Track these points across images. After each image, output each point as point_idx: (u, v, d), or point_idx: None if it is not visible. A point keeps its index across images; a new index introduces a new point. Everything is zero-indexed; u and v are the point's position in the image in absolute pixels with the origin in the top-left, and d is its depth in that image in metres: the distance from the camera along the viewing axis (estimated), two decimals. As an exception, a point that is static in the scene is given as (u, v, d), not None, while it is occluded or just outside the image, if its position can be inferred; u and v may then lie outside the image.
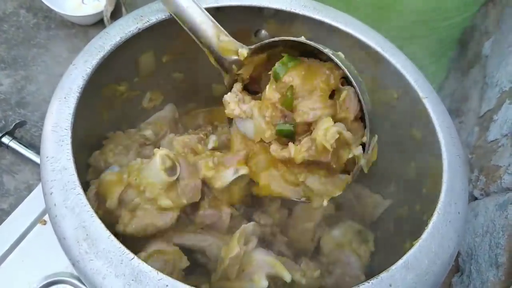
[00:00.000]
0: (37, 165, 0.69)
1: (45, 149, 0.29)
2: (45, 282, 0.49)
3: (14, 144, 0.71)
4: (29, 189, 0.68)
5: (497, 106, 0.64)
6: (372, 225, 0.44)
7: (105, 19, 0.83)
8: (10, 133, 0.71)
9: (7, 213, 0.65)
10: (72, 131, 0.30)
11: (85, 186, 0.28)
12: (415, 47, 0.70)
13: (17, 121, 0.73)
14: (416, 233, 0.33)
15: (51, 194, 0.27)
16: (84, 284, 0.49)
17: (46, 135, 0.30)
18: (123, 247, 0.25)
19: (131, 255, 0.25)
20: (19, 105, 0.78)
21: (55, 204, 0.27)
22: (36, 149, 0.71)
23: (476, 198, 0.61)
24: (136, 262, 0.25)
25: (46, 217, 0.53)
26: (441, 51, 0.75)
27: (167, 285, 0.24)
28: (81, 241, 0.25)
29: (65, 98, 0.31)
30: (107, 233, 0.25)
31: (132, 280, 0.24)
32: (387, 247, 0.41)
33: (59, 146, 0.29)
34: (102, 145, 0.41)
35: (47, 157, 0.28)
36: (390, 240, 0.41)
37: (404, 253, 0.28)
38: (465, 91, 0.78)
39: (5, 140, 0.71)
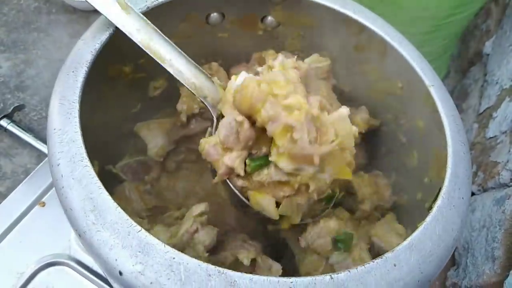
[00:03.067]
0: (35, 149, 0.69)
1: (53, 121, 0.29)
2: (42, 264, 0.49)
3: (12, 128, 0.71)
4: (27, 172, 0.68)
5: (497, 103, 0.64)
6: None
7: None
8: (9, 116, 0.71)
9: (4, 196, 0.64)
10: (80, 104, 0.29)
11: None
12: (417, 44, 0.71)
13: (16, 105, 0.72)
14: (417, 221, 0.33)
15: (58, 165, 0.27)
16: (80, 266, 0.49)
17: (54, 107, 0.30)
18: (130, 219, 0.25)
19: (138, 227, 0.25)
20: (18, 88, 0.77)
21: (62, 176, 0.27)
22: (35, 133, 0.70)
23: (473, 194, 0.62)
24: (143, 234, 0.25)
25: (45, 199, 0.52)
26: (443, 48, 0.76)
27: (173, 258, 0.24)
28: (88, 212, 0.25)
29: (73, 72, 0.31)
30: (114, 204, 0.25)
31: (139, 251, 0.24)
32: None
33: (67, 119, 0.29)
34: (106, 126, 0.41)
35: (54, 129, 0.28)
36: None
37: (406, 237, 0.28)
38: (465, 89, 0.79)
39: (3, 123, 0.70)
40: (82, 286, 0.48)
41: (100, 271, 0.49)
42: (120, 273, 0.24)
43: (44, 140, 0.68)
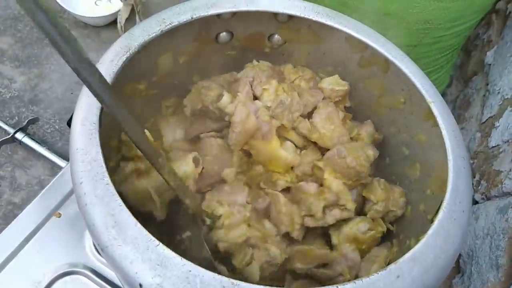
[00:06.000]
0: (48, 161, 0.71)
1: (75, 141, 0.31)
2: (59, 273, 0.50)
3: (27, 140, 0.73)
4: (41, 184, 0.70)
5: (499, 113, 0.65)
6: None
7: (118, 26, 0.85)
8: (23, 129, 0.73)
9: (19, 207, 0.67)
10: (99, 125, 0.31)
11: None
12: (419, 55, 0.72)
13: (30, 118, 0.75)
14: (420, 232, 0.34)
15: (81, 183, 0.29)
16: (96, 275, 0.51)
17: (76, 128, 0.31)
18: (149, 235, 0.27)
19: (157, 242, 0.26)
20: (32, 102, 0.80)
21: (85, 193, 0.28)
22: (48, 145, 0.73)
23: (477, 202, 0.63)
24: (161, 248, 0.26)
25: (61, 210, 0.54)
26: (445, 59, 0.77)
27: (190, 271, 0.26)
28: (110, 228, 0.27)
29: (93, 94, 0.33)
30: (134, 221, 0.27)
31: (158, 265, 0.26)
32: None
33: (88, 139, 0.30)
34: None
35: (77, 149, 0.30)
36: (393, 238, 0.42)
37: (409, 250, 0.30)
38: (467, 98, 0.80)
39: (18, 136, 0.73)
40: (97, 295, 0.50)
41: (114, 280, 0.51)
42: (140, 286, 0.25)
43: (57, 153, 0.70)
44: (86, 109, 0.32)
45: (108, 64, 0.35)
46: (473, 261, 0.58)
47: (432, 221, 0.31)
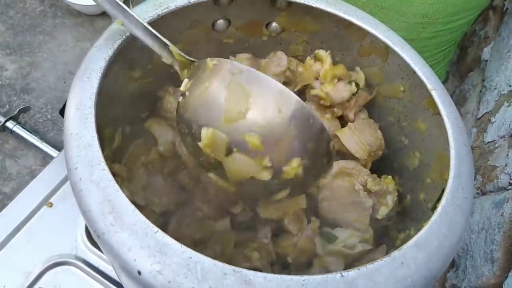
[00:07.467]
0: (40, 151, 0.69)
1: (69, 126, 0.30)
2: (50, 263, 0.50)
3: (18, 129, 0.71)
4: (32, 174, 0.69)
5: (495, 108, 0.65)
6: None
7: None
8: (14, 118, 0.72)
9: (9, 197, 0.65)
10: (95, 109, 0.30)
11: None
12: (417, 50, 0.72)
13: (22, 107, 0.73)
14: (420, 220, 0.34)
15: (76, 169, 0.28)
16: (87, 266, 0.50)
17: (70, 112, 0.30)
18: (147, 221, 0.26)
19: (155, 228, 0.26)
20: (24, 91, 0.78)
21: (80, 179, 0.27)
22: (40, 134, 0.71)
23: (472, 197, 0.63)
24: (160, 235, 0.25)
25: (52, 200, 0.53)
26: (442, 55, 0.77)
27: (190, 257, 0.25)
28: (107, 214, 0.26)
29: (88, 78, 0.32)
30: (131, 207, 0.26)
31: (157, 251, 0.25)
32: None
33: (83, 124, 0.30)
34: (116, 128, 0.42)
35: (71, 134, 0.29)
36: (393, 228, 0.42)
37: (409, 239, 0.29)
38: (464, 94, 0.80)
39: (9, 125, 0.71)
40: (88, 285, 0.49)
41: (106, 271, 0.50)
42: (139, 273, 0.24)
43: (49, 142, 0.69)
44: (81, 93, 0.31)
45: (103, 47, 0.34)
46: (468, 255, 0.58)
47: (433, 208, 0.31)
